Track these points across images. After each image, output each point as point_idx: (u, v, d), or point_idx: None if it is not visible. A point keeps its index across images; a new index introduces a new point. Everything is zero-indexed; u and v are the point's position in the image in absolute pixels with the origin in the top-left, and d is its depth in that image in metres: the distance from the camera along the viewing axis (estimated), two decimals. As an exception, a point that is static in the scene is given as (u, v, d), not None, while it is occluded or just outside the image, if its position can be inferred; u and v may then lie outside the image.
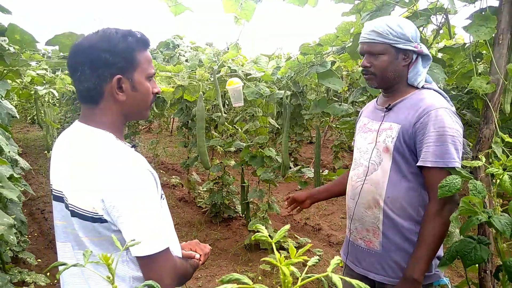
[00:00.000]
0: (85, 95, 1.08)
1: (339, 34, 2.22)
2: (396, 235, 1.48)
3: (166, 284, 1.01)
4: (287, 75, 2.75)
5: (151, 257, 0.99)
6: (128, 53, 1.06)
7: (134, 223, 0.98)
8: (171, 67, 2.71)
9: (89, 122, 1.09)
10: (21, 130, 11.75)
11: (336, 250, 4.13)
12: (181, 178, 6.40)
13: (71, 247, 1.09)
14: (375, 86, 1.54)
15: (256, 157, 3.56)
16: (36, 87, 2.82)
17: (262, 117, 3.52)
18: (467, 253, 1.18)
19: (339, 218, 5.03)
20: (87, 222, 1.02)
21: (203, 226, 4.64)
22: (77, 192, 1.03)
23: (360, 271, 1.60)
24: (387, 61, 1.44)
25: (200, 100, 2.66)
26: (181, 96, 3.39)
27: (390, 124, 1.48)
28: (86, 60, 1.04)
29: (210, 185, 4.69)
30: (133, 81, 1.08)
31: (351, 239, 1.63)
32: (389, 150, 1.45)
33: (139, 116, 1.17)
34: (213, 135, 4.53)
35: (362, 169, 1.56)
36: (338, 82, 2.51)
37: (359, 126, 1.68)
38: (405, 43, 1.42)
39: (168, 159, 8.32)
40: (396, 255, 1.49)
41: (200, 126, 2.65)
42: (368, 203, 1.52)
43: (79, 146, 1.07)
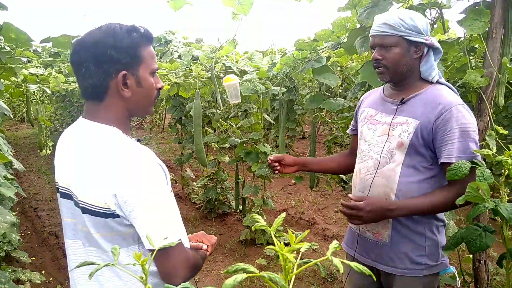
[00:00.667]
0: (89, 91, 1.07)
1: (335, 30, 2.23)
2: (405, 227, 1.50)
3: (181, 276, 1.02)
4: (282, 71, 2.76)
5: (165, 250, 1.00)
6: (133, 49, 1.05)
7: (147, 217, 0.99)
8: (167, 65, 2.70)
9: (94, 118, 1.08)
10: (10, 128, 11.60)
11: (331, 243, 4.16)
12: (175, 175, 6.38)
13: (81, 244, 1.09)
14: (387, 80, 1.52)
15: (251, 153, 3.57)
16: (29, 85, 2.79)
17: (256, 113, 3.52)
18: (473, 240, 1.21)
19: (333, 212, 5.08)
20: (99, 218, 1.02)
21: (198, 222, 4.65)
22: (87, 189, 1.03)
23: (368, 263, 1.61)
24: (399, 54, 1.44)
25: (197, 98, 2.66)
26: (175, 93, 3.38)
27: (406, 119, 1.47)
28: (91, 57, 1.03)
29: (205, 181, 4.69)
30: (138, 77, 1.08)
31: (357, 231, 1.64)
32: (404, 145, 1.46)
33: (144, 112, 1.17)
34: (207, 131, 4.52)
35: (372, 162, 1.55)
36: (333, 78, 2.52)
37: (364, 117, 1.65)
38: (416, 35, 1.42)
39: (161, 155, 8.29)
40: (405, 246, 1.50)
41: (197, 123, 2.64)
42: (379, 196, 1.52)
43: (86, 143, 1.06)
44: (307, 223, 4.74)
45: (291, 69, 2.72)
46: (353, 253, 1.68)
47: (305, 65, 2.55)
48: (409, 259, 1.51)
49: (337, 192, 5.53)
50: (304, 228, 4.59)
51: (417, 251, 1.50)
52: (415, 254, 1.50)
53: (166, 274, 1.03)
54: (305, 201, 5.52)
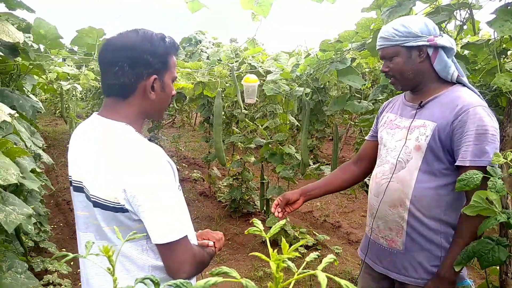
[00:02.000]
0: (117, 88, 1.11)
1: (358, 31, 2.19)
2: (420, 235, 1.45)
3: (186, 271, 1.05)
4: (306, 72, 2.73)
5: (171, 245, 1.03)
6: (165, 56, 1.13)
7: (154, 212, 1.02)
8: (190, 64, 2.74)
9: (110, 115, 1.12)
10: (50, 123, 12.16)
11: (355, 248, 4.09)
12: (202, 173, 6.47)
13: (93, 237, 1.13)
14: (400, 88, 1.53)
15: (275, 154, 3.56)
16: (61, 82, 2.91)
17: (282, 114, 3.51)
18: (485, 254, 1.15)
19: (359, 216, 4.98)
20: (109, 212, 1.06)
21: (222, 221, 4.69)
22: (99, 183, 1.06)
23: (380, 270, 1.58)
24: (401, 62, 1.44)
25: (218, 97, 2.68)
26: (200, 92, 3.42)
27: (423, 122, 1.44)
28: (127, 57, 1.08)
29: (230, 180, 4.72)
30: (163, 83, 1.15)
31: (372, 237, 1.61)
32: (421, 148, 1.42)
33: (158, 115, 1.22)
34: (233, 131, 4.55)
35: (389, 167, 1.53)
36: (358, 79, 2.47)
37: (384, 122, 1.64)
38: (414, 40, 1.40)
39: (190, 153, 8.42)
40: (419, 255, 1.46)
41: (217, 122, 2.66)
42: (393, 201, 1.49)
43: (99, 138, 1.10)
44: (332, 226, 4.68)
45: (315, 70, 2.68)
46: (367, 259, 1.65)
47: (329, 66, 2.51)
48: (424, 268, 1.46)
49: (364, 196, 5.41)
50: (329, 231, 4.53)
51: (432, 260, 1.45)
52: (430, 263, 1.45)
53: (172, 269, 1.06)
54: (331, 204, 5.44)
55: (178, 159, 7.60)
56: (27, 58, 1.82)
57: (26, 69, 1.89)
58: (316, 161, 7.02)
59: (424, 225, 1.44)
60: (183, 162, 7.52)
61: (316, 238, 4.06)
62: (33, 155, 1.86)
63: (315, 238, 4.06)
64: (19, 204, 1.23)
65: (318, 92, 4.22)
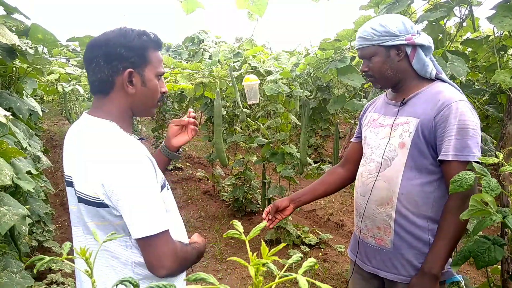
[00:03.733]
0: (97, 85, 1.14)
1: (356, 29, 2.17)
2: (408, 233, 1.45)
3: (166, 267, 1.04)
4: (305, 71, 2.72)
5: (150, 239, 1.02)
6: (141, 50, 1.12)
7: (132, 206, 1.02)
8: (189, 65, 2.74)
9: (97, 113, 1.14)
10: (56, 124, 12.26)
11: (359, 247, 4.07)
12: (207, 172, 6.48)
13: (81, 231, 1.15)
14: (380, 87, 1.55)
15: (277, 154, 3.55)
16: (63, 83, 2.93)
17: (283, 113, 3.50)
18: (480, 253, 1.13)
19: (363, 215, 4.96)
20: (91, 207, 1.07)
21: (226, 219, 4.69)
22: (81, 179, 1.08)
23: (369, 269, 1.58)
24: (380, 61, 1.45)
25: (217, 98, 2.68)
26: (201, 93, 3.42)
27: (406, 118, 1.44)
28: (101, 53, 1.10)
29: (233, 179, 4.73)
30: (143, 77, 1.14)
31: (360, 237, 1.61)
32: (406, 145, 1.42)
33: (146, 112, 1.22)
34: (236, 130, 4.55)
35: (374, 165, 1.52)
36: (358, 78, 2.45)
37: (368, 122, 1.64)
38: (392, 39, 1.40)
39: (195, 152, 8.45)
40: (408, 253, 1.46)
41: (217, 123, 2.66)
42: (380, 200, 1.49)
43: (83, 135, 1.12)
44: (335, 225, 4.66)
45: (315, 69, 2.67)
46: (356, 259, 1.65)
47: (329, 65, 2.50)
48: (412, 266, 1.46)
49: (368, 195, 5.39)
50: (332, 230, 4.51)
51: (421, 258, 1.44)
52: (418, 261, 1.44)
53: (151, 265, 1.05)
54: (334, 202, 5.42)
55: (182, 159, 7.63)
56: (25, 61, 1.83)
57: (25, 72, 1.91)
58: (321, 160, 7.00)
59: (411, 222, 1.44)
60: (187, 161, 7.54)
61: (319, 237, 4.05)
62: (32, 157, 1.88)
63: (318, 237, 4.05)
64: (14, 204, 1.24)
65: (321, 90, 4.20)
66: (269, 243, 4.02)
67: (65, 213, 4.97)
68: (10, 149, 1.30)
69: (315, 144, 7.13)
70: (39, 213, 1.91)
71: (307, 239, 3.95)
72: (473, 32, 2.05)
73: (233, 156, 5.04)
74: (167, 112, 6.81)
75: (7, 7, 1.67)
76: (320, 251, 3.88)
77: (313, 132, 6.94)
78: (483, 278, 3.27)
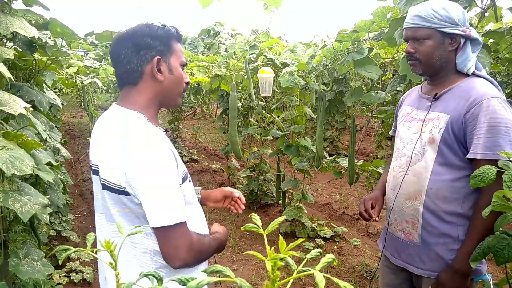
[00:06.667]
0: (125, 76, 1.17)
1: (375, 20, 2.13)
2: (435, 228, 1.44)
3: (181, 259, 1.06)
4: (322, 63, 2.69)
5: (166, 230, 1.04)
6: (166, 39, 1.17)
7: (151, 196, 1.04)
8: (205, 58, 2.74)
9: (124, 103, 1.17)
10: (75, 115, 12.48)
11: (374, 240, 4.04)
12: (222, 164, 6.51)
13: (104, 218, 1.18)
14: (420, 73, 1.48)
15: (291, 146, 3.54)
16: (81, 76, 2.98)
17: (299, 106, 3.48)
18: (500, 249, 1.11)
19: (379, 209, 4.92)
20: (114, 194, 1.10)
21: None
22: (106, 166, 1.11)
23: (398, 263, 1.59)
24: (432, 46, 1.38)
25: (233, 90, 2.68)
26: (217, 86, 3.42)
27: (437, 114, 1.42)
28: (129, 44, 1.15)
29: (248, 172, 4.74)
30: (170, 65, 1.19)
31: (390, 230, 1.62)
32: (435, 141, 1.41)
33: (172, 102, 1.25)
34: (251, 122, 4.55)
35: (405, 160, 1.52)
36: (375, 70, 2.42)
37: (402, 115, 1.63)
38: (451, 26, 1.35)
39: (210, 145, 8.49)
40: (437, 248, 1.45)
41: (232, 116, 2.66)
42: (409, 194, 1.49)
43: (110, 125, 1.15)
44: (350, 218, 4.64)
45: (331, 61, 2.64)
46: (386, 252, 1.66)
47: (346, 56, 2.47)
48: (440, 261, 1.45)
49: (384, 189, 5.33)
50: (348, 223, 4.49)
51: (449, 254, 1.43)
52: (446, 257, 1.44)
53: (167, 255, 1.07)
54: (350, 196, 5.39)
55: (198, 151, 7.68)
56: (45, 54, 1.87)
57: (44, 65, 1.94)
58: (336, 153, 6.95)
59: (439, 218, 1.43)
60: (203, 154, 7.59)
61: (335, 230, 4.04)
62: (52, 149, 1.92)
63: (333, 230, 4.04)
64: (34, 194, 1.28)
65: (337, 83, 4.15)
66: (284, 236, 4.03)
67: (83, 203, 5.07)
68: (30, 141, 1.34)
69: (330, 137, 7.08)
70: (57, 204, 1.95)
71: (322, 232, 3.95)
72: (495, 23, 1.99)
73: (248, 148, 5.05)
74: (183, 105, 6.85)
75: (26, 0, 1.70)
76: (335, 244, 3.87)
77: (329, 125, 6.89)
78: (501, 274, 3.21)
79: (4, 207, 1.25)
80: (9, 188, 1.24)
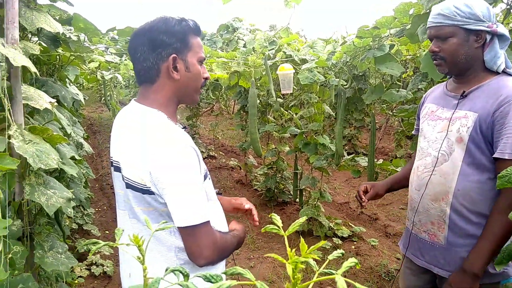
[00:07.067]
0: (143, 74, 1.16)
1: (397, 16, 2.10)
2: (462, 230, 1.41)
3: (205, 257, 1.07)
4: (342, 60, 2.66)
5: (191, 229, 1.05)
6: (183, 35, 1.14)
7: (176, 196, 1.04)
8: (225, 54, 2.74)
9: (144, 101, 1.17)
10: (96, 110, 12.70)
11: (393, 241, 3.99)
12: (239, 161, 6.53)
13: (127, 215, 1.19)
14: (446, 72, 1.45)
15: (309, 144, 3.52)
16: (103, 72, 3.02)
17: (317, 103, 3.45)
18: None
19: (398, 209, 4.84)
20: (138, 193, 1.10)
21: (258, 209, 4.66)
22: (129, 166, 1.12)
23: (422, 264, 1.56)
24: (457, 44, 1.35)
25: (252, 87, 2.67)
26: (236, 82, 3.43)
27: (465, 113, 1.38)
28: (145, 41, 1.13)
29: (265, 169, 4.73)
30: (187, 62, 1.16)
31: (413, 231, 1.59)
32: (463, 140, 1.37)
33: (190, 98, 1.23)
34: (269, 119, 4.54)
35: (430, 159, 1.49)
36: (397, 67, 2.38)
37: (426, 113, 1.59)
38: (475, 23, 1.31)
39: (228, 141, 8.52)
40: (462, 250, 1.42)
41: (252, 113, 2.66)
42: (435, 195, 1.46)
43: (132, 123, 1.15)
44: (368, 218, 4.59)
45: (351, 58, 2.61)
46: (408, 253, 1.64)
47: (366, 53, 2.43)
48: None
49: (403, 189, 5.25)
50: (366, 223, 4.45)
51: None
52: None
53: (191, 253, 1.08)
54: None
55: (216, 147, 7.71)
56: (68, 49, 1.90)
57: (68, 60, 1.98)
58: (355, 151, 6.88)
59: (466, 219, 1.40)
60: (220, 150, 7.62)
61: (352, 229, 4.00)
62: (75, 144, 1.95)
63: (351, 229, 4.00)
64: (59, 188, 1.30)
65: (356, 80, 4.10)
66: (300, 234, 4.01)
67: (104, 197, 5.16)
68: (55, 135, 1.36)
69: (349, 135, 7.01)
70: (80, 198, 1.99)
71: (339, 231, 3.91)
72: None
73: (266, 145, 5.04)
74: (201, 101, 6.89)
75: (51, -4, 1.73)
76: (353, 244, 3.83)
77: (347, 123, 6.82)
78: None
79: (30, 200, 1.28)
80: (35, 182, 1.27)
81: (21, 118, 1.38)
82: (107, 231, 4.05)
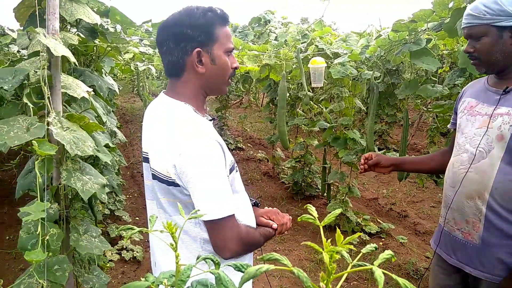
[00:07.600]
0: (170, 68, 1.17)
1: (435, 9, 2.02)
2: (499, 230, 1.37)
3: (230, 250, 1.08)
4: (376, 54, 2.60)
5: (216, 222, 1.05)
6: (208, 28, 1.11)
7: (201, 189, 1.05)
8: (257, 46, 2.74)
9: (172, 94, 1.17)
10: (128, 100, 13.01)
11: (422, 239, 3.90)
12: (267, 153, 6.54)
13: (155, 205, 1.21)
14: (484, 72, 1.42)
15: (339, 139, 3.47)
16: (137, 63, 3.09)
17: (348, 97, 3.40)
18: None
19: (428, 207, 4.73)
20: (163, 185, 1.12)
21: (284, 201, 4.73)
22: (155, 157, 1.13)
23: (454, 263, 1.53)
24: (490, 43, 1.32)
25: (283, 80, 2.66)
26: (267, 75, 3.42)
27: (508, 110, 1.34)
28: (170, 35, 1.12)
29: (293, 162, 4.72)
30: (212, 55, 1.14)
31: (446, 228, 1.56)
32: (504, 138, 1.33)
33: (218, 90, 1.22)
34: (298, 113, 4.51)
35: (467, 156, 1.44)
36: (433, 62, 2.30)
37: (464, 108, 1.54)
38: (507, 19, 1.27)
39: (256, 133, 8.54)
40: (498, 251, 1.38)
41: (281, 106, 2.65)
42: (470, 192, 1.42)
43: (160, 115, 1.17)
44: (397, 215, 4.50)
45: (386, 52, 2.55)
46: (440, 251, 1.60)
47: (402, 47, 2.37)
48: (503, 265, 1.37)
49: (434, 186, 5.11)
50: (394, 220, 4.37)
51: None
52: (510, 260, 1.36)
53: (216, 246, 1.09)
54: (398, 192, 5.22)
55: (244, 139, 7.75)
56: (105, 40, 1.95)
57: (104, 51, 2.04)
58: (385, 147, 6.74)
59: (504, 219, 1.35)
60: (248, 142, 7.65)
61: (380, 226, 3.94)
62: (109, 132, 2.01)
63: (379, 226, 3.94)
64: (95, 174, 1.35)
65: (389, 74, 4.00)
66: (327, 229, 3.99)
67: (134, 185, 5.31)
68: (91, 123, 1.41)
69: (379, 131, 6.87)
70: (112, 184, 2.06)
71: (367, 227, 3.86)
72: None
73: (294, 139, 5.02)
74: (231, 93, 6.92)
75: (90, -11, 1.78)
76: (381, 240, 3.78)
77: (378, 118, 6.68)
78: None
79: (67, 185, 1.33)
80: (72, 168, 1.32)
81: (59, 106, 1.43)
82: (137, 217, 4.17)
